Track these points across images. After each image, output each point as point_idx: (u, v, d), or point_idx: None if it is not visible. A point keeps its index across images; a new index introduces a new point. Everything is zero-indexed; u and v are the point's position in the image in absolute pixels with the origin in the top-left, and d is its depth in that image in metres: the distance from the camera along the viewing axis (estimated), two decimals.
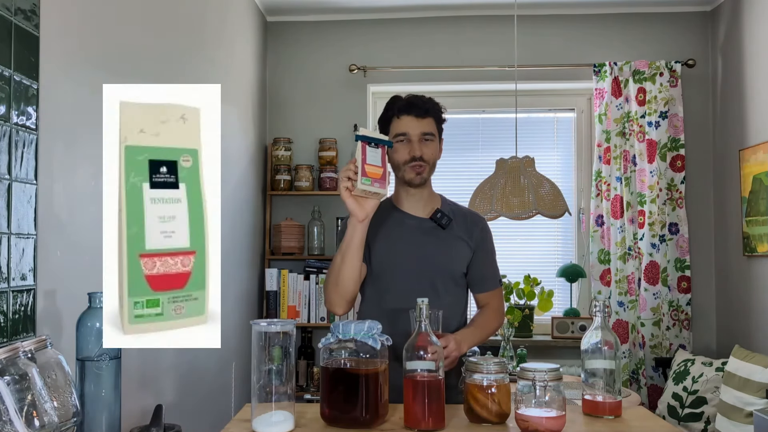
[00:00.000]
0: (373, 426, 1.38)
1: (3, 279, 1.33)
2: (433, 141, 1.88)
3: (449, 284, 1.90)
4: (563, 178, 3.91)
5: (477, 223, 1.97)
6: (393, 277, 1.87)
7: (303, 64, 3.90)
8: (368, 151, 1.60)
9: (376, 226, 1.91)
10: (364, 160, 1.58)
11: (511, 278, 3.67)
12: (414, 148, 1.84)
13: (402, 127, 1.86)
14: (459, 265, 1.91)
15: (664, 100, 3.63)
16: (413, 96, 1.90)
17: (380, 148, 1.63)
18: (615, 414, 1.47)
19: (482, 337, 1.89)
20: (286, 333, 1.36)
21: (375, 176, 1.60)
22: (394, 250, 1.88)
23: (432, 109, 1.88)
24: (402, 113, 1.86)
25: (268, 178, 3.77)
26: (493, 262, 2.00)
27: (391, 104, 1.90)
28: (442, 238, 1.90)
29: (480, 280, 1.96)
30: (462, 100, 4.01)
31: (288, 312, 3.63)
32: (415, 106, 1.86)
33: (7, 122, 1.36)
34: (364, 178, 1.58)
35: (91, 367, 1.22)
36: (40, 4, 1.48)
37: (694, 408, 3.04)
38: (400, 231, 1.90)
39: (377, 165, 1.61)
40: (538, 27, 3.79)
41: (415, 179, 1.87)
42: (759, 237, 3.18)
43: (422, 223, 1.91)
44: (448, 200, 2.01)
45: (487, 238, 1.98)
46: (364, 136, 1.60)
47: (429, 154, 1.86)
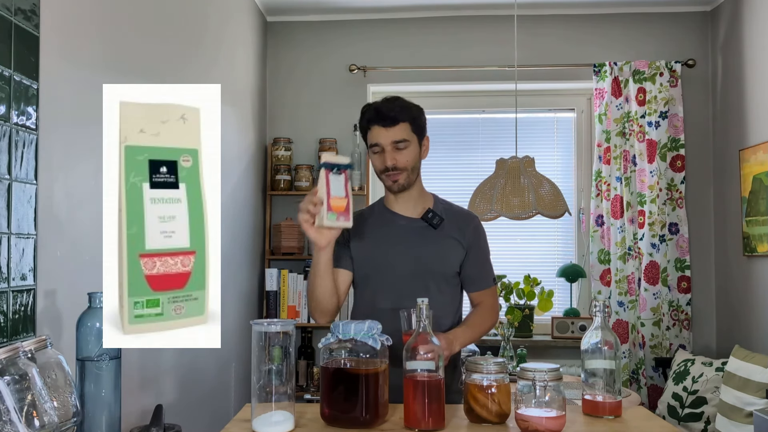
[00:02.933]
0: (373, 426, 1.38)
1: (3, 279, 1.33)
2: (408, 147, 1.86)
3: (442, 284, 1.90)
4: (563, 178, 3.91)
5: (470, 221, 1.97)
6: (385, 279, 1.87)
7: (303, 64, 3.90)
8: (332, 180, 1.56)
9: (367, 229, 1.93)
10: (329, 193, 1.54)
11: (511, 278, 3.67)
12: (386, 158, 1.84)
13: (374, 137, 1.86)
14: (451, 264, 1.91)
15: (664, 100, 3.63)
16: (382, 104, 1.87)
17: (343, 173, 1.60)
18: (615, 414, 1.47)
19: (475, 336, 1.89)
20: (286, 333, 1.36)
21: (339, 209, 1.57)
22: (386, 251, 1.88)
23: (402, 115, 1.85)
24: (372, 123, 1.86)
25: (268, 178, 3.78)
26: (487, 261, 2.00)
27: (363, 114, 1.90)
28: (433, 238, 1.90)
29: (473, 279, 1.96)
30: (462, 100, 4.01)
31: (288, 312, 3.63)
32: (383, 115, 1.84)
33: (7, 122, 1.36)
34: (330, 214, 1.54)
35: (91, 367, 1.22)
36: (40, 4, 1.48)
37: (694, 408, 3.04)
38: (392, 232, 1.91)
39: (341, 196, 1.58)
40: (538, 27, 3.79)
41: (393, 187, 1.88)
42: (759, 237, 3.18)
43: (413, 223, 1.91)
44: (441, 199, 2.01)
45: (480, 237, 1.98)
46: (327, 163, 1.55)
47: (403, 161, 1.85)
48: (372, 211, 2.00)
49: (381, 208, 1.97)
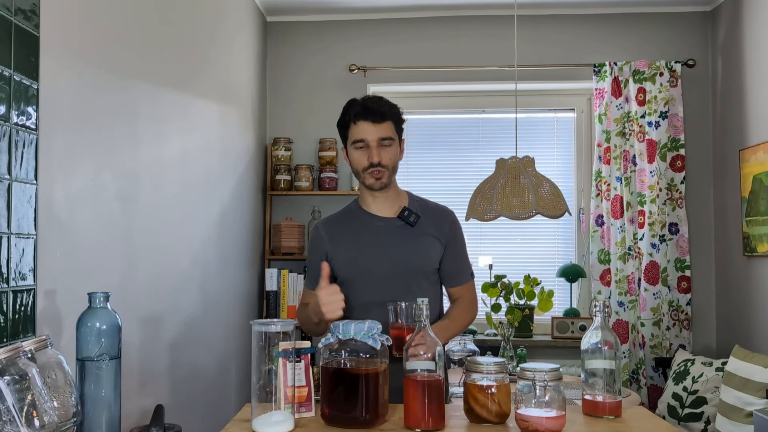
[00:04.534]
0: (373, 426, 1.38)
1: (3, 279, 1.33)
2: (392, 145, 1.87)
3: (422, 281, 1.90)
4: (563, 178, 3.91)
5: (446, 217, 1.97)
6: (366, 281, 1.87)
7: (303, 64, 3.90)
8: (288, 370, 1.37)
9: (345, 231, 1.93)
10: (286, 383, 1.36)
11: (511, 278, 3.66)
12: (372, 154, 1.83)
13: (359, 133, 1.85)
14: (431, 261, 1.92)
15: (664, 100, 3.63)
16: (369, 100, 1.88)
17: (303, 359, 1.48)
18: (615, 414, 1.47)
19: (457, 330, 1.91)
20: (286, 333, 1.37)
21: (301, 399, 1.47)
22: (365, 253, 1.88)
23: (389, 113, 1.86)
24: (359, 119, 1.85)
25: (268, 178, 3.78)
26: (464, 256, 2.00)
27: (347, 108, 1.89)
28: (411, 237, 1.90)
29: (452, 275, 1.96)
30: (462, 100, 4.01)
31: (288, 312, 3.63)
32: (372, 110, 1.84)
33: (7, 122, 1.36)
34: (287, 406, 1.36)
35: (91, 367, 1.22)
36: (40, 4, 1.48)
37: (694, 408, 3.04)
38: (369, 233, 1.91)
39: (302, 385, 1.47)
40: (538, 27, 3.79)
41: (375, 184, 1.87)
42: (759, 237, 3.18)
43: (390, 222, 1.92)
44: (416, 196, 2.01)
45: (458, 232, 1.98)
46: (284, 352, 1.36)
47: (387, 158, 1.86)
48: (348, 213, 2.00)
49: (357, 210, 1.97)
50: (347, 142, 1.91)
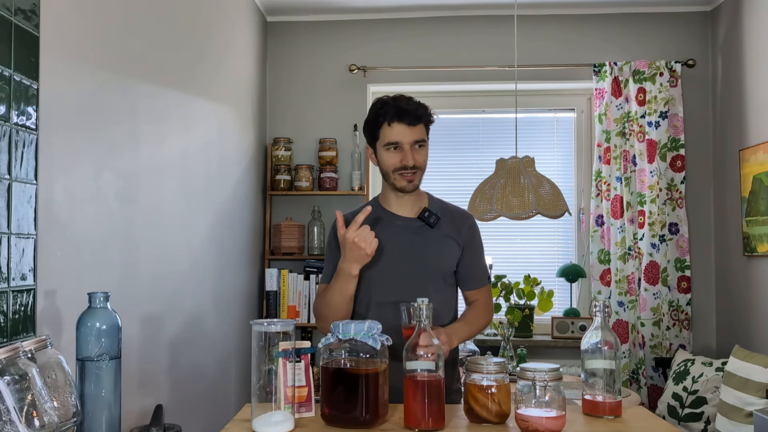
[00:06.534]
0: (373, 426, 1.38)
1: (3, 279, 1.33)
2: (424, 146, 1.86)
3: (439, 283, 1.89)
4: (563, 178, 3.91)
5: (465, 220, 1.97)
6: (383, 280, 1.86)
7: (303, 64, 3.90)
8: (290, 369, 1.38)
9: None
10: (286, 383, 1.37)
11: (511, 278, 3.66)
12: (407, 157, 1.82)
13: (394, 135, 1.82)
14: (448, 263, 1.91)
15: (664, 100, 3.63)
16: (403, 101, 1.85)
17: (303, 359, 1.49)
18: (615, 414, 1.47)
19: (473, 332, 1.90)
20: (286, 333, 1.37)
21: (301, 400, 1.47)
22: (384, 252, 1.87)
23: (423, 115, 1.85)
24: (393, 121, 1.82)
25: (268, 178, 3.78)
26: (482, 260, 2.00)
27: (380, 109, 1.84)
28: (430, 237, 1.89)
29: (469, 278, 1.96)
30: (462, 100, 4.01)
31: (288, 312, 3.63)
32: (407, 113, 1.81)
33: (7, 122, 1.36)
34: (287, 406, 1.38)
35: (91, 367, 1.22)
36: (40, 4, 1.48)
37: (694, 408, 3.04)
38: (389, 233, 1.89)
39: (302, 385, 1.48)
40: (538, 27, 3.79)
41: (408, 187, 1.85)
42: (759, 237, 3.18)
43: (410, 223, 1.91)
44: (436, 198, 2.00)
45: (476, 236, 1.97)
46: (284, 352, 1.37)
47: (421, 160, 1.85)
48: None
49: (378, 209, 1.95)
50: (377, 142, 1.87)
